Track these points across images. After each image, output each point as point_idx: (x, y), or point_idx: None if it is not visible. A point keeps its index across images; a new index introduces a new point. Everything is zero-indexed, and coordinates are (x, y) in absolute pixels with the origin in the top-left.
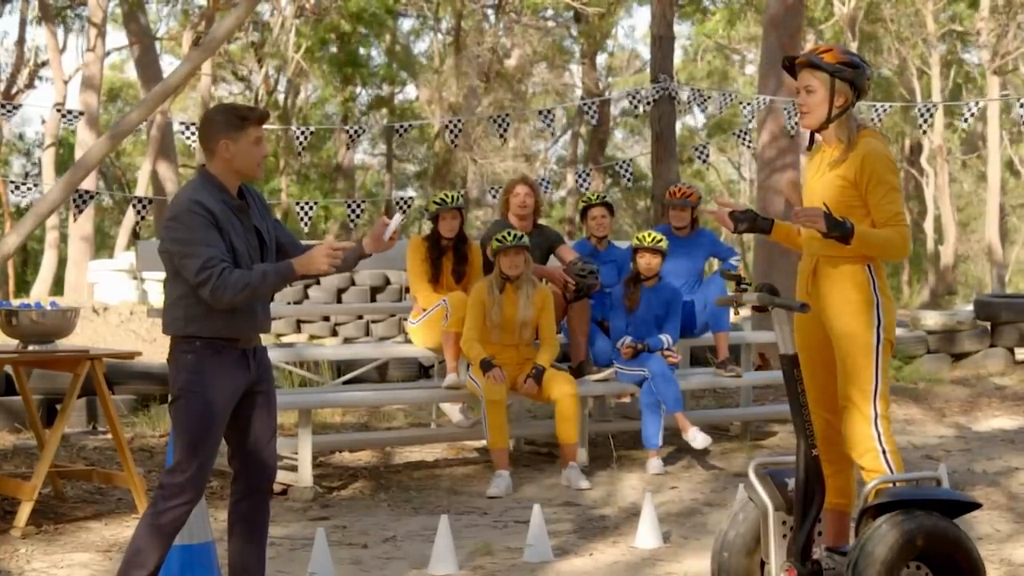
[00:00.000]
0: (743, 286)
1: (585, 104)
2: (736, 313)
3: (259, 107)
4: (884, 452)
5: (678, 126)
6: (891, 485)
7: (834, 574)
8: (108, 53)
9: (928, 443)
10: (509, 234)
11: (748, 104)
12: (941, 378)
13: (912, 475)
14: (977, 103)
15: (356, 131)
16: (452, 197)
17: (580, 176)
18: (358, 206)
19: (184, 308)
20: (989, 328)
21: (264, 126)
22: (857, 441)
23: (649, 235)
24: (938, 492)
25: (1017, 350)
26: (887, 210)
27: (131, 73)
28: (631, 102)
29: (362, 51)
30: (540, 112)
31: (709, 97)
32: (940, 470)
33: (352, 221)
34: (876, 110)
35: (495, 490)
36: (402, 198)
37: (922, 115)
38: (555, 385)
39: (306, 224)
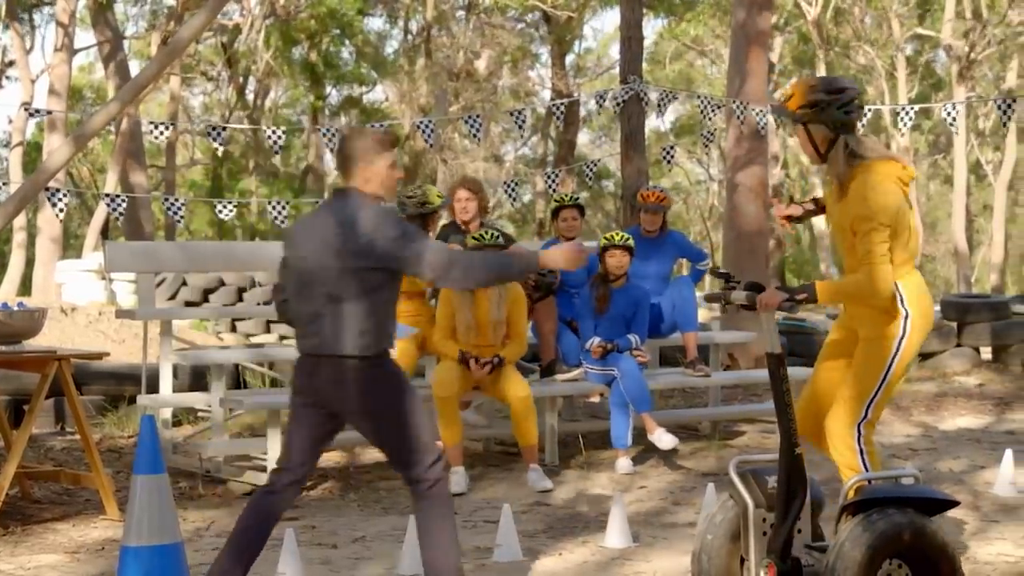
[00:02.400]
0: (731, 283)
1: (554, 105)
2: (724, 311)
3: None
4: (861, 452)
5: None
6: (868, 483)
7: (813, 571)
8: (76, 52)
9: (894, 442)
10: (487, 233)
11: (717, 105)
12: (907, 377)
13: (890, 472)
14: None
15: (333, 133)
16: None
17: (550, 177)
18: None
19: (376, 325)
20: (955, 328)
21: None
22: (836, 436)
23: (618, 234)
24: (917, 490)
25: (983, 350)
26: (862, 249)
27: (100, 74)
28: (599, 103)
29: (332, 51)
30: (511, 113)
31: (676, 98)
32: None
33: None
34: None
35: (456, 487)
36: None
37: (900, 117)
38: (509, 387)
39: (282, 223)
